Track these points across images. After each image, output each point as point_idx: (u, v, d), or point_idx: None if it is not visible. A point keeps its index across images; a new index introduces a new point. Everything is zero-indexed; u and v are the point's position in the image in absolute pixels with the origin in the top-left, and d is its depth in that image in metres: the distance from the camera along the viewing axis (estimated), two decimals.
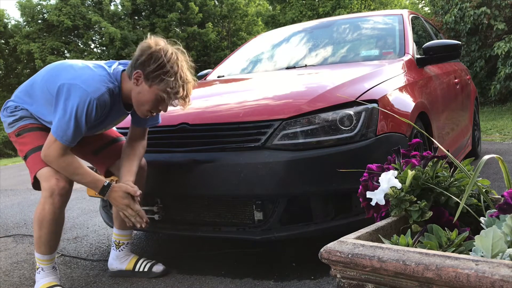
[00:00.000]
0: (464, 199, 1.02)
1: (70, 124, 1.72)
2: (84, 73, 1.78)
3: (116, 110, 1.91)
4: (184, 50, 1.86)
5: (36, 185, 1.87)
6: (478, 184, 1.18)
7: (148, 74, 1.75)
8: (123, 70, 1.86)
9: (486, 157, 1.06)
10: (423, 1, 19.75)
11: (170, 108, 2.14)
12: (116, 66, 1.89)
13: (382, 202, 1.18)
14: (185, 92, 1.80)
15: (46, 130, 1.87)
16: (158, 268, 2.10)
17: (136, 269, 2.11)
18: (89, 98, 1.71)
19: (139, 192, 1.89)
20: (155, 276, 2.07)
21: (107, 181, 1.86)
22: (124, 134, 2.15)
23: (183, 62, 1.81)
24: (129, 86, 1.83)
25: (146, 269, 2.10)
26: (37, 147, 1.84)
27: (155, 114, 1.90)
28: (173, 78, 1.74)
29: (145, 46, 1.79)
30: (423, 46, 2.82)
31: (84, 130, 1.78)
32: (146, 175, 2.10)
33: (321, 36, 3.43)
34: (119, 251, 2.17)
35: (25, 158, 1.88)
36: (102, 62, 1.92)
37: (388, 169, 1.26)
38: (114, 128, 2.21)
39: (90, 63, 1.88)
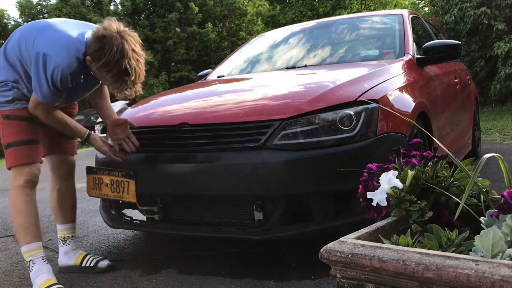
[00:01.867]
0: (464, 198, 1.02)
1: (49, 91, 1.85)
2: (58, 39, 1.86)
3: (87, 74, 1.96)
4: (134, 37, 1.88)
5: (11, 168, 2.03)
6: (478, 184, 1.18)
7: (97, 65, 1.83)
8: None
9: (487, 155, 1.06)
10: (423, 1, 19.75)
11: (170, 108, 2.16)
12: (89, 34, 1.92)
13: (384, 203, 1.18)
14: (128, 87, 1.88)
15: (33, 121, 1.99)
16: (103, 264, 2.21)
17: (83, 265, 2.21)
18: (62, 69, 1.81)
19: (112, 144, 2.21)
20: (100, 272, 2.18)
21: (87, 132, 2.13)
22: None
23: (130, 56, 1.82)
24: None
25: (92, 264, 2.21)
26: (20, 142, 1.97)
27: None
28: (115, 78, 1.84)
29: (99, 35, 1.82)
30: (423, 46, 2.82)
31: (63, 93, 1.92)
32: (72, 167, 2.29)
33: (321, 36, 3.42)
34: (66, 245, 2.26)
35: (6, 147, 2.00)
36: (83, 25, 2.01)
37: (388, 169, 1.26)
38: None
39: (70, 24, 1.96)
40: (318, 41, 3.37)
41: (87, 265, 2.21)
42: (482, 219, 1.05)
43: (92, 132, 2.20)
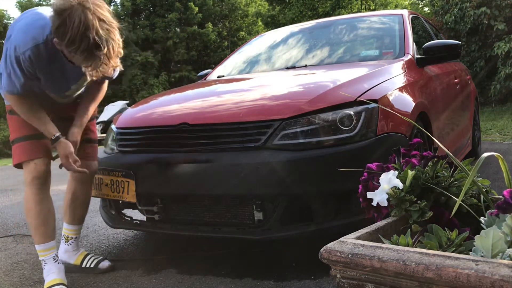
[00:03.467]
0: (462, 195, 1.02)
1: (11, 77, 1.77)
2: (22, 27, 1.74)
3: (60, 61, 1.80)
4: (100, 4, 1.65)
5: (18, 166, 1.99)
6: (478, 184, 1.18)
7: (64, 45, 1.62)
8: None
9: (486, 154, 1.06)
10: (423, 1, 19.75)
11: (170, 108, 2.14)
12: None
13: (384, 203, 1.18)
14: (103, 62, 1.66)
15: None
16: (104, 264, 2.19)
17: (83, 265, 2.19)
18: (17, 53, 1.70)
19: (78, 163, 1.97)
20: (101, 272, 2.15)
21: (57, 135, 1.93)
22: None
23: (96, 27, 1.59)
24: None
25: (92, 265, 2.18)
26: (23, 137, 1.95)
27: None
28: (85, 55, 1.62)
29: (57, 9, 1.59)
30: (423, 46, 2.82)
31: (27, 80, 1.78)
32: (94, 172, 2.19)
33: (321, 36, 3.42)
34: (68, 245, 2.24)
35: (12, 144, 1.99)
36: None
37: (388, 169, 1.26)
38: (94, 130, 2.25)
39: (41, 14, 1.78)
40: (318, 41, 3.37)
41: (88, 265, 2.19)
42: (482, 219, 1.06)
43: (63, 138, 1.97)
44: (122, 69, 1.88)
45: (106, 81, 2.12)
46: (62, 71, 1.86)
